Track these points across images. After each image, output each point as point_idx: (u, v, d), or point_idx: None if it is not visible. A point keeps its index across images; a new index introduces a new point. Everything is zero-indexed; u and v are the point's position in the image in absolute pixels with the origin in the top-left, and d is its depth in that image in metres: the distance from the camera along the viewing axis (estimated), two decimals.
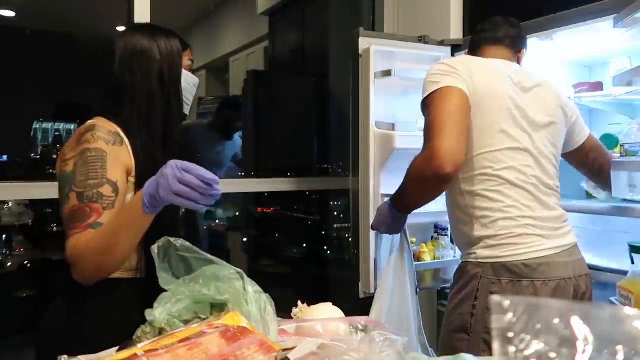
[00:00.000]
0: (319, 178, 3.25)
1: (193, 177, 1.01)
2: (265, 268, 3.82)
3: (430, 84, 1.46)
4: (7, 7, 2.53)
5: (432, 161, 1.34)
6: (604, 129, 2.20)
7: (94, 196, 1.15)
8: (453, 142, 1.35)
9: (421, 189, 1.48)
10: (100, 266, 1.13)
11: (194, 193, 1.02)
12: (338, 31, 3.46)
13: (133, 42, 1.30)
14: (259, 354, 0.74)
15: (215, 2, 4.63)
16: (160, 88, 1.29)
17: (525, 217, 1.42)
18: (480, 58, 1.59)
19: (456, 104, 1.41)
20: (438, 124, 1.38)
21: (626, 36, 1.73)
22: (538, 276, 1.38)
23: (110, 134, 1.22)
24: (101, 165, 1.17)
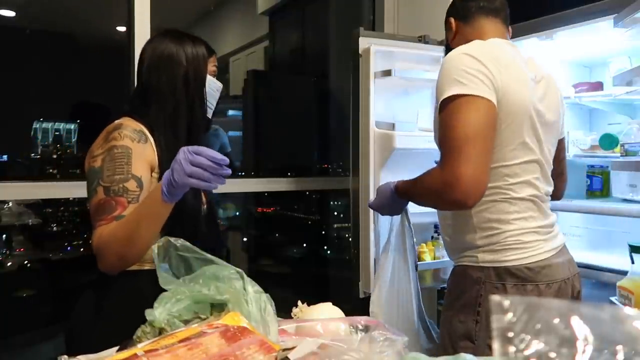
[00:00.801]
0: (319, 178, 3.25)
1: (204, 158, 1.08)
2: (265, 268, 3.82)
3: (455, 83, 1.27)
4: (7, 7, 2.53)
5: (454, 190, 1.22)
6: (604, 128, 2.21)
7: (120, 190, 1.22)
8: (479, 170, 1.22)
9: (434, 206, 1.45)
10: (123, 255, 1.19)
11: (206, 173, 1.09)
12: (338, 31, 3.46)
13: (161, 48, 1.36)
14: (259, 354, 0.74)
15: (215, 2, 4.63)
16: (185, 91, 1.35)
17: (531, 227, 1.37)
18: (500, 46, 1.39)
19: (486, 120, 1.25)
20: (462, 144, 1.22)
21: (626, 36, 1.73)
22: (541, 279, 1.34)
23: (135, 132, 1.28)
24: (127, 162, 1.24)
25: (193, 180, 1.10)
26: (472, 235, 1.39)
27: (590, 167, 2.18)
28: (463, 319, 1.38)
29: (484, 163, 1.24)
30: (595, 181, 2.15)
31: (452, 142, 1.24)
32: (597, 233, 2.18)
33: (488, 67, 1.27)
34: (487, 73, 1.27)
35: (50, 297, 2.85)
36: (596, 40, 1.97)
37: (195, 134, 1.40)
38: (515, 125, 1.33)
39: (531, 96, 1.35)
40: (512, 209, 1.36)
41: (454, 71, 1.28)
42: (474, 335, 1.35)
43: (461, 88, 1.25)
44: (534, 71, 1.41)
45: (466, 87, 1.25)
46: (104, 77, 2.58)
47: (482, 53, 1.30)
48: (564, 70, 2.27)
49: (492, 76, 1.27)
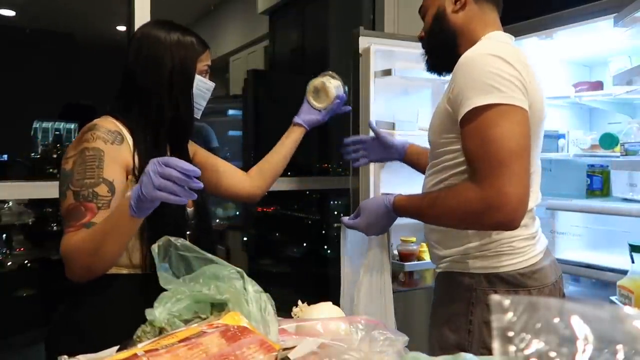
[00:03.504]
0: (319, 177, 3.25)
1: (173, 170, 1.02)
2: (266, 267, 3.82)
3: (491, 89, 1.13)
4: (8, 6, 2.53)
5: (499, 212, 1.10)
6: (604, 128, 2.21)
7: (89, 195, 1.17)
8: (526, 189, 1.11)
9: (467, 227, 1.29)
10: (90, 267, 1.15)
11: (176, 187, 1.03)
12: (338, 30, 3.46)
13: (147, 43, 1.30)
14: (259, 353, 0.74)
15: (215, 2, 4.63)
16: (170, 93, 1.29)
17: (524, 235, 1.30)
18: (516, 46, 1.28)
19: (526, 134, 1.13)
20: (508, 160, 1.10)
21: (626, 35, 1.73)
22: (532, 284, 1.27)
23: (110, 133, 1.22)
24: (98, 165, 1.18)
25: (162, 194, 1.03)
26: (464, 241, 1.31)
27: (590, 166, 2.18)
28: (454, 328, 1.31)
29: (528, 180, 1.14)
30: (595, 181, 2.15)
31: (495, 158, 1.11)
32: (597, 232, 2.18)
33: (520, 72, 1.15)
34: (521, 79, 1.15)
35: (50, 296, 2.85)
36: (596, 39, 1.97)
37: (181, 138, 1.36)
38: (533, 136, 1.22)
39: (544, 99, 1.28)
40: None
41: (486, 76, 1.14)
42: (466, 345, 1.27)
43: (498, 96, 1.12)
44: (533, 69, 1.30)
45: (504, 96, 1.12)
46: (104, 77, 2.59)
47: (511, 55, 1.17)
48: (564, 69, 2.27)
49: (525, 82, 1.16)
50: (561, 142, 2.17)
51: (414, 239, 2.10)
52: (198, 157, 1.55)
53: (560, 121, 2.23)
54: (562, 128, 2.19)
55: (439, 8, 1.38)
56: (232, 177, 1.61)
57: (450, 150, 1.30)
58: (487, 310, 1.26)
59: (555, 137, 2.15)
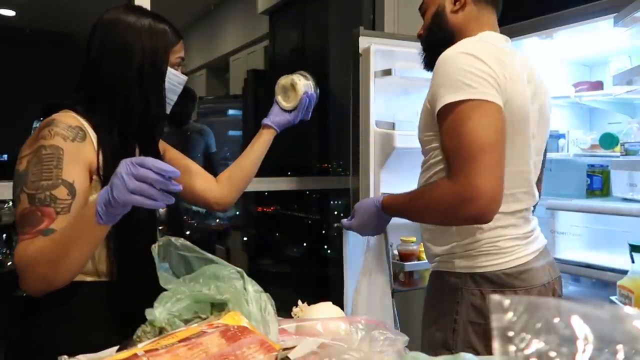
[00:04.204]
0: (319, 177, 3.25)
1: (150, 171, 0.92)
2: (266, 267, 3.82)
3: (462, 86, 1.15)
4: (7, 6, 2.53)
5: (471, 205, 1.11)
6: (604, 128, 2.21)
7: (46, 199, 1.05)
8: (497, 182, 1.12)
9: (440, 223, 1.32)
10: (47, 279, 1.02)
11: (152, 189, 0.93)
12: (338, 30, 3.46)
13: (114, 30, 1.17)
14: (259, 353, 0.74)
15: (215, 2, 4.63)
16: (139, 87, 1.17)
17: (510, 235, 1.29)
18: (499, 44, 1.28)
19: (499, 127, 1.14)
20: (478, 153, 1.11)
21: (626, 35, 1.73)
22: (519, 285, 1.26)
23: (70, 129, 1.10)
24: (56, 164, 1.06)
25: (137, 198, 0.92)
26: (450, 241, 1.32)
27: (591, 166, 2.18)
28: (440, 327, 1.32)
29: (501, 173, 1.13)
30: (595, 180, 2.15)
31: (465, 152, 1.12)
32: (597, 232, 2.18)
33: (492, 67, 1.17)
34: (492, 74, 1.16)
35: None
36: (596, 39, 1.97)
37: (151, 135, 1.24)
38: (515, 134, 1.23)
39: (530, 99, 1.26)
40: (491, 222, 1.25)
41: (456, 72, 1.16)
42: (451, 344, 1.28)
43: (468, 91, 1.14)
44: (525, 69, 1.30)
45: (474, 91, 1.14)
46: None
47: (484, 52, 1.19)
48: (564, 69, 2.27)
49: (497, 77, 1.17)
50: (561, 142, 2.17)
51: (414, 239, 2.10)
52: (168, 156, 1.42)
53: (560, 121, 2.24)
54: (562, 128, 2.19)
55: (438, 7, 1.39)
56: (204, 181, 1.49)
57: (433, 147, 1.31)
58: (472, 310, 1.26)
59: (556, 137, 2.16)
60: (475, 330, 1.26)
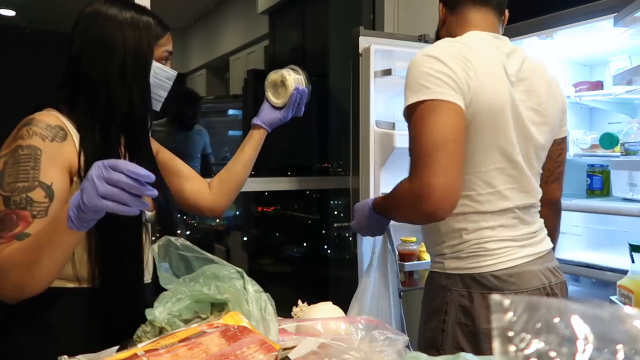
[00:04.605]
0: (319, 177, 3.25)
1: (122, 175, 0.86)
2: (266, 267, 3.82)
3: (420, 88, 1.19)
4: (8, 6, 2.53)
5: (424, 202, 1.13)
6: (604, 127, 2.21)
7: (22, 202, 1.00)
8: (450, 179, 1.13)
9: (410, 221, 1.35)
10: (21, 286, 0.97)
11: (125, 194, 0.86)
12: (338, 30, 3.46)
13: (95, 23, 1.12)
14: (259, 353, 0.74)
15: (215, 2, 4.62)
16: (121, 82, 1.12)
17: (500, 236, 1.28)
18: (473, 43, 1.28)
19: (453, 125, 1.16)
20: (431, 152, 1.13)
21: (626, 35, 1.73)
22: (508, 288, 1.24)
23: (49, 129, 1.06)
24: (33, 166, 1.02)
25: (108, 203, 0.86)
26: (440, 242, 1.33)
27: (591, 166, 2.18)
28: (430, 327, 1.33)
29: (455, 171, 1.14)
30: (595, 180, 2.15)
31: (420, 151, 1.16)
32: (597, 232, 2.18)
33: (452, 68, 1.18)
34: (451, 74, 1.18)
35: None
36: (596, 39, 1.97)
37: (136, 134, 1.18)
38: (489, 129, 1.23)
39: (509, 96, 1.25)
40: (478, 219, 1.28)
41: (417, 75, 1.20)
42: (439, 344, 1.28)
43: (425, 93, 1.18)
44: (516, 66, 1.29)
45: (430, 92, 1.17)
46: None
47: (447, 53, 1.22)
48: (564, 69, 2.27)
49: (458, 78, 1.18)
50: None
51: (414, 239, 2.10)
52: (160, 157, 1.37)
53: None
54: None
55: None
56: (195, 186, 1.43)
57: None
58: (460, 311, 1.27)
59: None
60: (463, 332, 1.26)
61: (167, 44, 1.21)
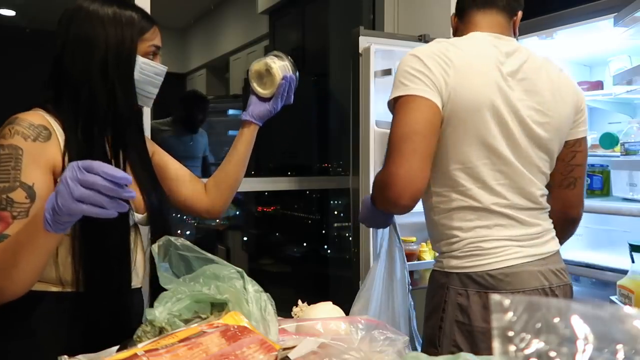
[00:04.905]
0: (319, 177, 3.25)
1: (98, 177, 0.82)
2: (266, 267, 3.82)
3: (399, 84, 1.26)
4: (8, 6, 2.53)
5: (388, 189, 1.20)
6: (604, 127, 2.21)
7: (2, 202, 0.98)
8: (412, 169, 1.18)
9: (383, 209, 1.36)
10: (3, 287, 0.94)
11: (101, 197, 0.83)
12: (338, 30, 3.46)
13: (77, 20, 1.11)
14: (259, 353, 0.74)
15: (215, 2, 4.62)
16: (103, 80, 1.10)
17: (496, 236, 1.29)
18: (464, 43, 1.32)
19: (422, 119, 1.21)
20: (398, 143, 1.21)
21: (626, 35, 1.73)
22: (504, 287, 1.25)
23: (32, 128, 1.04)
24: (14, 166, 1.00)
25: (83, 207, 0.83)
26: (439, 240, 1.36)
27: (591, 166, 2.18)
28: (430, 325, 1.35)
29: (418, 162, 1.20)
30: (595, 180, 2.15)
31: (390, 143, 1.24)
32: (597, 232, 2.18)
33: (429, 67, 1.24)
34: (427, 72, 1.24)
35: None
36: (596, 39, 1.97)
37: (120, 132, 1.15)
38: (470, 124, 1.25)
39: (495, 92, 1.26)
40: (472, 217, 1.29)
41: (399, 73, 1.28)
42: (437, 341, 1.30)
43: (402, 89, 1.25)
44: (515, 66, 1.31)
45: (406, 88, 1.24)
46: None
47: (428, 53, 1.27)
48: (564, 69, 2.26)
49: (434, 75, 1.23)
50: None
51: (414, 238, 2.10)
52: (156, 159, 1.34)
53: None
54: None
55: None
56: (192, 189, 1.40)
57: None
58: (458, 309, 1.28)
59: None
60: (460, 329, 1.28)
61: (154, 38, 1.17)
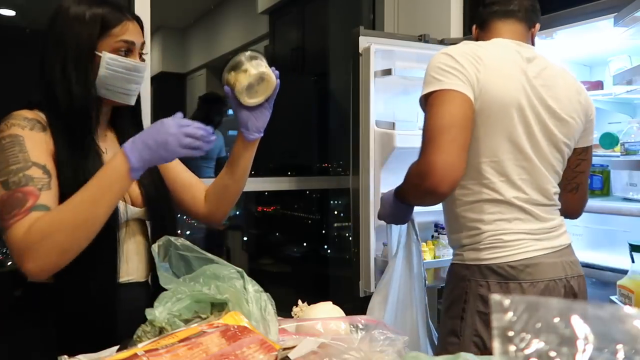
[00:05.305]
0: (319, 177, 3.25)
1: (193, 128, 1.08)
2: (266, 267, 3.82)
3: (432, 80, 1.32)
4: (8, 6, 2.52)
5: (426, 178, 1.24)
6: (604, 127, 2.20)
7: (22, 180, 1.03)
8: (451, 158, 1.24)
9: (417, 199, 1.44)
10: (67, 248, 1.01)
11: (198, 141, 1.08)
12: (338, 30, 3.46)
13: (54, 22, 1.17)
14: (259, 353, 0.74)
15: (215, 2, 4.62)
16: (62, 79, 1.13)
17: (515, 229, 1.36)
18: (490, 46, 1.40)
19: (458, 111, 1.27)
20: (435, 134, 1.26)
21: (626, 35, 1.73)
22: (524, 277, 1.32)
23: (26, 120, 1.10)
24: (20, 149, 1.05)
25: (186, 151, 1.08)
26: (459, 234, 1.42)
27: (591, 165, 2.17)
28: (451, 315, 1.40)
29: (456, 150, 1.25)
30: (595, 180, 2.15)
31: (426, 135, 1.28)
32: (597, 232, 2.18)
33: (461, 63, 1.31)
34: (459, 68, 1.30)
35: None
36: (596, 39, 1.97)
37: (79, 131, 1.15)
38: (499, 118, 1.32)
39: (521, 92, 1.34)
40: (494, 210, 1.35)
41: (431, 70, 1.33)
42: (459, 331, 1.36)
43: (436, 84, 1.30)
44: (537, 71, 1.38)
45: (440, 83, 1.30)
46: None
47: (460, 52, 1.33)
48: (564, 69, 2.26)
49: (466, 71, 1.30)
50: None
51: None
52: None
53: None
54: None
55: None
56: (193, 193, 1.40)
57: None
58: (479, 300, 1.34)
59: None
60: (482, 320, 1.33)
61: (123, 33, 1.16)
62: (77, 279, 1.09)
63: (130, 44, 1.18)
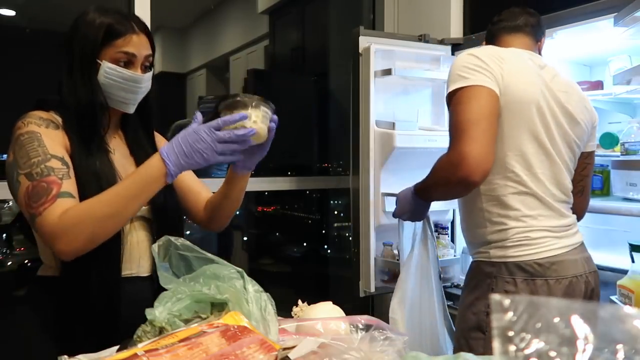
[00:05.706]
0: (319, 177, 3.25)
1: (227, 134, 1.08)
2: (266, 267, 3.82)
3: (459, 78, 1.38)
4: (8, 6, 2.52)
5: (459, 168, 1.29)
6: (604, 127, 2.20)
7: (44, 171, 1.10)
8: (483, 148, 1.29)
9: (445, 191, 1.47)
10: (96, 235, 1.08)
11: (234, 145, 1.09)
12: (338, 30, 3.46)
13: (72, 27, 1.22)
14: (259, 353, 0.74)
15: (215, 2, 4.62)
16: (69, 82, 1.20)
17: (540, 226, 1.42)
18: (510, 49, 1.49)
19: (486, 105, 1.34)
20: (466, 127, 1.31)
21: (626, 35, 1.73)
22: (551, 274, 1.38)
23: (41, 119, 1.17)
24: (39, 144, 1.12)
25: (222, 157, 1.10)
26: (484, 230, 1.45)
27: None
28: (475, 311, 1.44)
29: (488, 140, 1.30)
30: (595, 180, 2.15)
31: (457, 127, 1.33)
32: (597, 232, 2.18)
33: (486, 62, 1.38)
34: (485, 67, 1.37)
35: None
36: (596, 39, 1.97)
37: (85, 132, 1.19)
38: (521, 114, 1.39)
39: (538, 92, 1.41)
40: (520, 206, 1.41)
41: (457, 68, 1.39)
42: (484, 326, 1.40)
43: (463, 81, 1.36)
44: (550, 77, 1.47)
45: (467, 80, 1.36)
46: None
47: (484, 53, 1.41)
48: (564, 69, 2.26)
49: (492, 69, 1.37)
50: None
51: None
52: None
53: None
54: None
55: None
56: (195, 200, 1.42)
57: None
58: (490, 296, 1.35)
59: None
60: None
61: (125, 45, 1.19)
62: (81, 270, 1.14)
63: (131, 56, 1.20)
